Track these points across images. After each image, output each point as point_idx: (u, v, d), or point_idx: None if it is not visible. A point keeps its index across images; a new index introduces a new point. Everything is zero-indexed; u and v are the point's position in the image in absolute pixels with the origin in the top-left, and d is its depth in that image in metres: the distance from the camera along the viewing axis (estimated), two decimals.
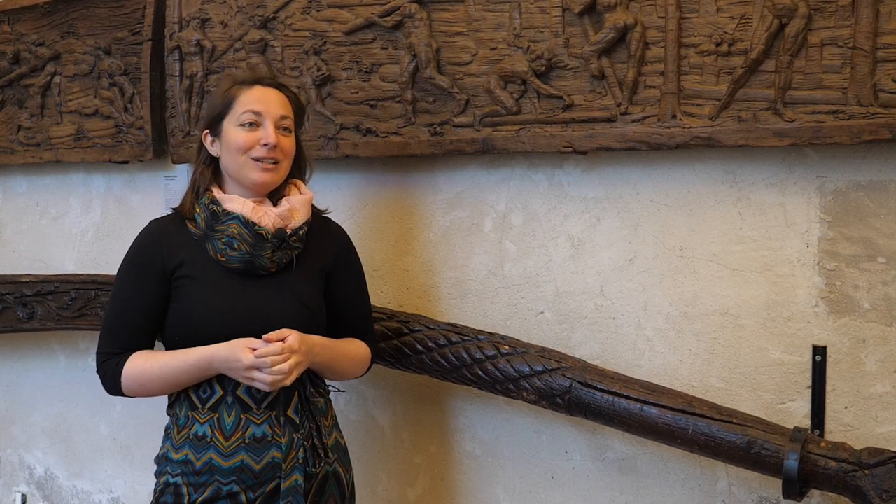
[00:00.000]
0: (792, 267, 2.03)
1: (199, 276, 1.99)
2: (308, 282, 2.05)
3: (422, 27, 2.32)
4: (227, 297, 1.97)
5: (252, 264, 1.98)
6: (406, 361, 2.32)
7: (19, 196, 3.34)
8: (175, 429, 2.01)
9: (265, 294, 1.98)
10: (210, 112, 2.06)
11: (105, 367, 2.01)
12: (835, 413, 2.00)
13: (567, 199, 2.28)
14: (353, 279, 2.19)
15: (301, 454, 1.96)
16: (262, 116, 2.00)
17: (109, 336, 2.03)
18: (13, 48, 3.14)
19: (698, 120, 2.01)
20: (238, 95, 2.02)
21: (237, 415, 1.95)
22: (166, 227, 2.07)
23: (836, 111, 1.88)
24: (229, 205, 1.99)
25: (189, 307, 1.98)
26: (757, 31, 1.95)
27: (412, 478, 2.59)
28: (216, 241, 1.98)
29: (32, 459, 3.43)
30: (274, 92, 2.05)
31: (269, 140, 1.98)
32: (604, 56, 2.11)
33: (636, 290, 2.20)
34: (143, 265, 2.02)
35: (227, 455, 1.93)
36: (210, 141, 2.06)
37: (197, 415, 1.97)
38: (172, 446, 2.00)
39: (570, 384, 2.08)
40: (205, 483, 1.94)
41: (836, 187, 1.98)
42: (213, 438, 1.94)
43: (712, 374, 2.12)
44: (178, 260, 2.00)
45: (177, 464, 1.97)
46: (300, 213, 2.04)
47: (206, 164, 2.07)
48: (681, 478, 2.19)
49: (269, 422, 1.95)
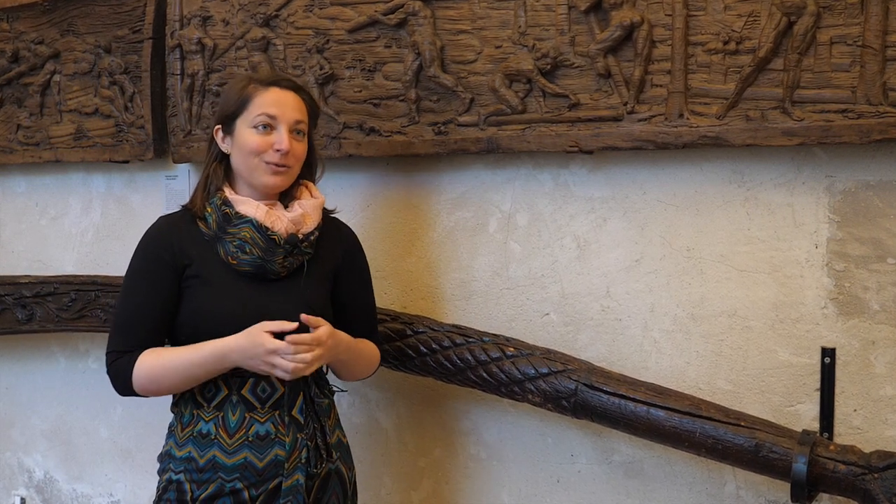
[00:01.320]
0: (800, 268, 2.03)
1: (209, 276, 2.00)
2: (317, 286, 2.07)
3: (426, 25, 2.33)
4: (236, 301, 1.97)
5: (263, 269, 1.99)
6: (410, 363, 2.33)
7: (18, 196, 3.35)
8: (179, 426, 2.03)
9: (275, 299, 1.98)
10: (224, 108, 2.06)
11: (116, 366, 2.00)
12: (844, 416, 2.00)
13: (573, 199, 2.29)
14: (360, 280, 2.21)
15: (304, 454, 1.98)
16: (276, 120, 2.00)
17: (121, 334, 2.01)
18: (12, 46, 3.15)
19: (706, 119, 2.02)
20: (254, 96, 2.01)
21: (241, 413, 1.97)
22: (177, 223, 2.07)
23: (846, 110, 1.89)
24: (242, 207, 1.99)
25: (198, 308, 1.98)
26: (765, 28, 1.95)
27: (416, 481, 2.60)
28: (227, 243, 1.99)
29: (32, 463, 3.43)
30: (291, 95, 2.04)
31: (283, 147, 1.98)
32: (610, 54, 2.12)
33: (643, 292, 2.21)
34: (156, 260, 2.01)
35: (230, 452, 1.95)
36: (221, 137, 2.06)
37: (202, 413, 1.99)
38: (176, 443, 2.02)
39: (575, 386, 2.09)
40: (208, 480, 1.96)
41: (845, 187, 1.99)
42: (217, 436, 1.96)
43: (720, 377, 2.13)
44: (189, 259, 2.01)
45: (180, 461, 1.99)
46: (312, 217, 2.06)
47: (219, 162, 2.08)
48: (688, 481, 2.20)
49: (272, 420, 1.97)
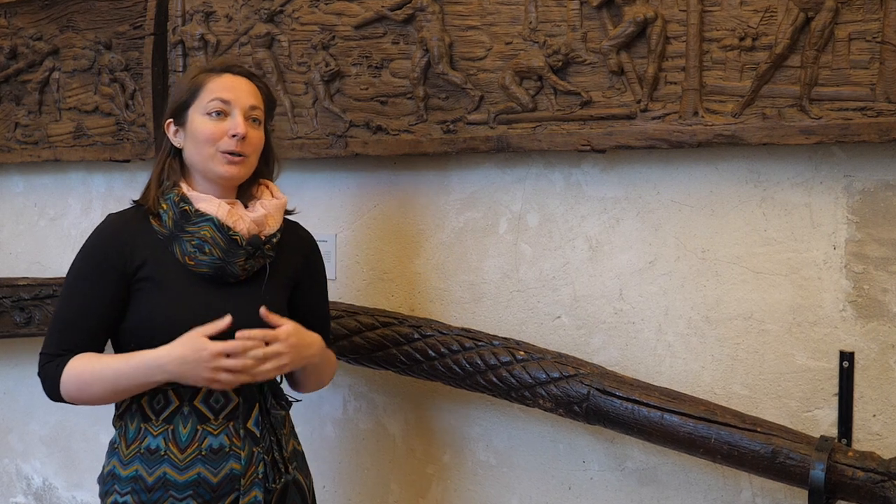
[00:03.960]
0: (818, 270, 2.05)
1: (162, 279, 1.92)
2: (277, 292, 2.03)
3: (434, 21, 2.35)
4: (191, 305, 1.90)
5: (223, 271, 1.93)
6: (418, 368, 2.35)
7: (16, 196, 3.37)
8: (123, 443, 1.95)
9: (233, 303, 1.91)
10: (175, 99, 2.01)
11: (46, 369, 1.93)
12: (863, 421, 2.02)
13: (585, 199, 2.31)
14: (318, 288, 2.18)
15: (261, 469, 1.93)
16: (230, 105, 1.95)
17: (57, 337, 1.94)
18: (10, 42, 3.16)
19: (721, 117, 2.04)
20: (206, 83, 1.96)
21: (193, 426, 1.91)
22: (128, 222, 2.00)
23: (864, 108, 1.90)
24: (202, 205, 1.93)
25: (150, 314, 1.91)
26: (782, 24, 1.97)
27: (424, 489, 2.62)
28: (185, 242, 1.92)
29: (30, 469, 3.46)
30: (244, 81, 2.00)
31: (238, 131, 1.93)
32: (623, 51, 2.13)
33: (657, 294, 2.23)
34: (101, 263, 1.94)
35: (182, 468, 1.89)
36: (173, 131, 2.00)
37: (150, 427, 1.92)
38: (120, 462, 1.94)
39: (587, 391, 2.11)
40: (158, 500, 1.89)
41: (863, 187, 2.00)
42: (168, 451, 1.89)
43: (735, 381, 2.15)
44: (140, 260, 1.93)
45: (126, 481, 1.91)
46: (274, 218, 2.02)
47: (173, 157, 2.01)
48: (703, 489, 2.22)
49: (226, 432, 1.92)
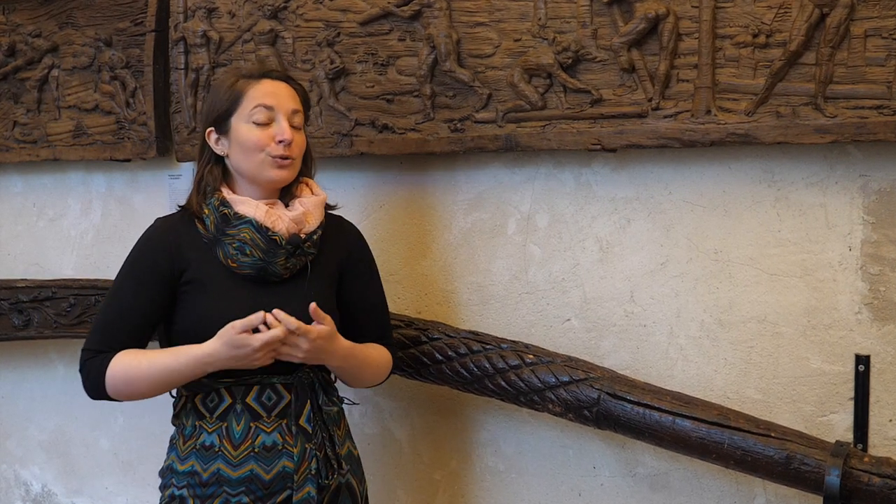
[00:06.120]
0: (833, 271, 2.06)
1: (208, 281, 2.02)
2: (322, 288, 2.08)
3: (441, 17, 2.36)
4: (237, 306, 1.96)
5: (264, 271, 2.01)
6: (424, 371, 2.36)
7: (15, 196, 3.37)
8: (181, 439, 2.06)
9: (277, 302, 1.97)
10: (215, 108, 2.07)
11: (89, 364, 2.01)
12: (879, 426, 2.03)
13: (595, 199, 2.32)
14: (368, 280, 2.23)
15: (314, 465, 2.00)
16: (273, 111, 2.03)
17: (101, 334, 2.04)
18: (8, 39, 3.16)
19: (734, 115, 2.05)
20: (246, 90, 2.03)
21: (246, 423, 2.00)
22: (174, 226, 2.09)
23: (881, 106, 1.92)
24: (241, 207, 2.01)
25: (198, 316, 2.00)
26: (796, 21, 1.98)
27: (431, 495, 2.63)
28: (227, 245, 2.01)
29: (29, 475, 3.46)
30: (283, 85, 2.07)
31: (285, 136, 2.01)
32: (634, 48, 2.15)
33: (668, 296, 2.24)
34: (148, 266, 2.05)
35: (235, 465, 1.98)
36: (215, 139, 2.07)
37: (204, 424, 2.02)
38: (178, 457, 2.05)
39: (598, 395, 2.12)
40: (212, 494, 1.99)
41: (880, 187, 2.01)
42: (222, 448, 1.99)
43: (749, 385, 2.16)
44: (186, 263, 2.03)
45: (182, 475, 2.02)
46: (314, 215, 2.08)
47: (214, 163, 2.09)
48: (716, 495, 2.23)
49: (279, 430, 2.00)
